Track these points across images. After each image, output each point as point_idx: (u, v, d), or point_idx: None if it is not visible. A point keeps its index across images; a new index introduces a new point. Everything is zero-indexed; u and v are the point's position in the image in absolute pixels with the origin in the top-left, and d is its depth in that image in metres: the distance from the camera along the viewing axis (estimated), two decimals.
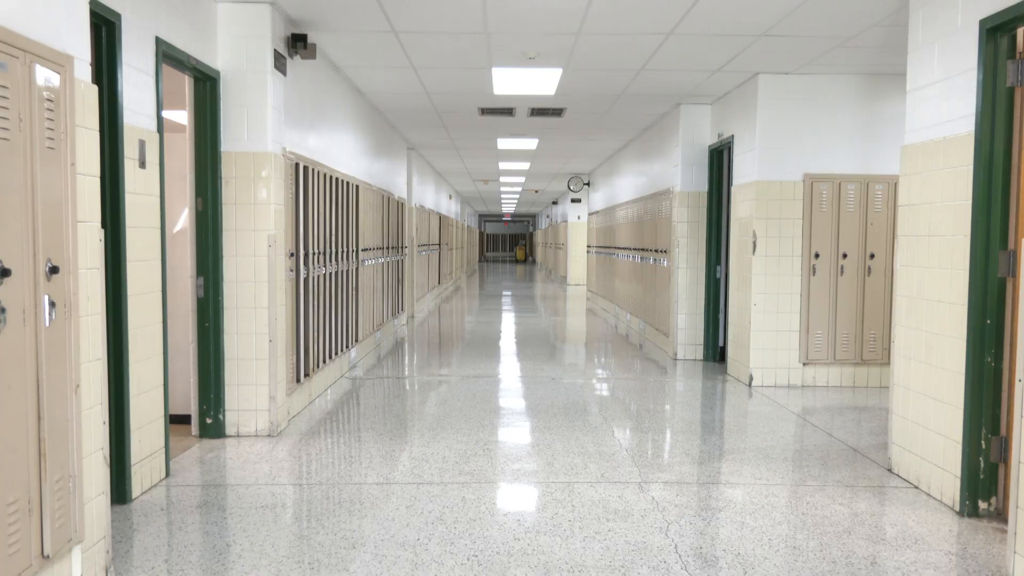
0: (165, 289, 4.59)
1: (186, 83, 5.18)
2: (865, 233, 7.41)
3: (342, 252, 7.76)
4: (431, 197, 16.82)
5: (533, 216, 46.61)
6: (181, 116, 5.98)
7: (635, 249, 11.98)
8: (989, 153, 3.98)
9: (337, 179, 7.51)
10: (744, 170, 7.75)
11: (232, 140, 5.34)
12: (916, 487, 4.55)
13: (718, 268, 9.00)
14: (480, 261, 47.32)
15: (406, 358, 9.45)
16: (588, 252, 18.41)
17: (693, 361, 9.08)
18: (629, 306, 12.51)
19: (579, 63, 7.17)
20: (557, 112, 9.81)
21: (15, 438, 2.61)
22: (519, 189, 24.59)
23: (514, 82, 8.01)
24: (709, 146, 9.02)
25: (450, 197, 22.34)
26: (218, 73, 5.27)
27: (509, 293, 20.73)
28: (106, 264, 3.93)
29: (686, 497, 4.34)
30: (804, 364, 7.51)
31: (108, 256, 3.95)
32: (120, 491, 4.11)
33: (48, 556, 2.77)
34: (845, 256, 7.41)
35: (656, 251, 10.45)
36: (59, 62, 2.82)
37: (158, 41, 4.43)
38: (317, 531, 3.80)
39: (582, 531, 3.81)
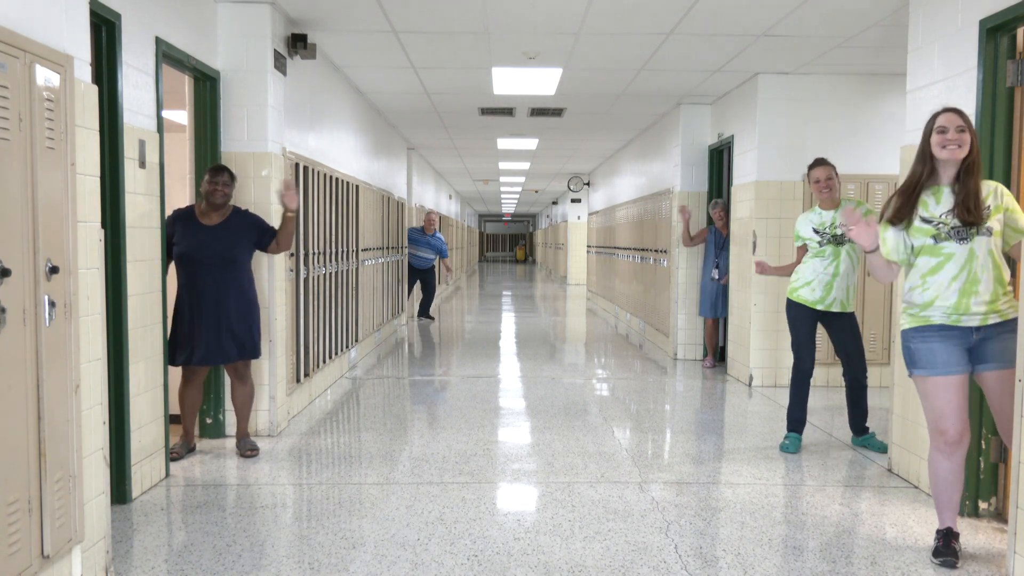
0: (165, 289, 4.59)
1: (186, 83, 5.18)
2: None
3: (342, 252, 7.76)
4: (431, 197, 16.81)
5: (533, 216, 46.61)
6: (181, 116, 5.98)
7: (635, 249, 11.98)
8: (989, 153, 3.98)
9: (337, 179, 7.51)
10: (744, 170, 7.75)
11: (232, 140, 5.34)
12: (916, 487, 4.55)
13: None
14: (480, 261, 47.31)
15: (406, 358, 9.45)
16: (588, 252, 18.40)
17: (693, 361, 9.07)
18: (629, 306, 12.51)
19: (579, 63, 7.17)
20: (557, 112, 9.81)
21: (15, 438, 2.61)
22: (519, 189, 24.60)
23: (514, 82, 8.01)
24: (709, 146, 9.02)
25: (450, 197, 22.34)
26: (218, 73, 5.27)
27: (509, 293, 20.73)
28: (106, 264, 3.91)
29: (686, 497, 4.34)
30: None
31: (108, 256, 3.95)
32: (120, 491, 4.11)
33: (48, 556, 2.77)
34: None
35: (656, 251, 10.44)
36: (59, 62, 2.82)
37: (158, 41, 4.43)
38: (317, 531, 3.80)
39: (582, 531, 3.81)
